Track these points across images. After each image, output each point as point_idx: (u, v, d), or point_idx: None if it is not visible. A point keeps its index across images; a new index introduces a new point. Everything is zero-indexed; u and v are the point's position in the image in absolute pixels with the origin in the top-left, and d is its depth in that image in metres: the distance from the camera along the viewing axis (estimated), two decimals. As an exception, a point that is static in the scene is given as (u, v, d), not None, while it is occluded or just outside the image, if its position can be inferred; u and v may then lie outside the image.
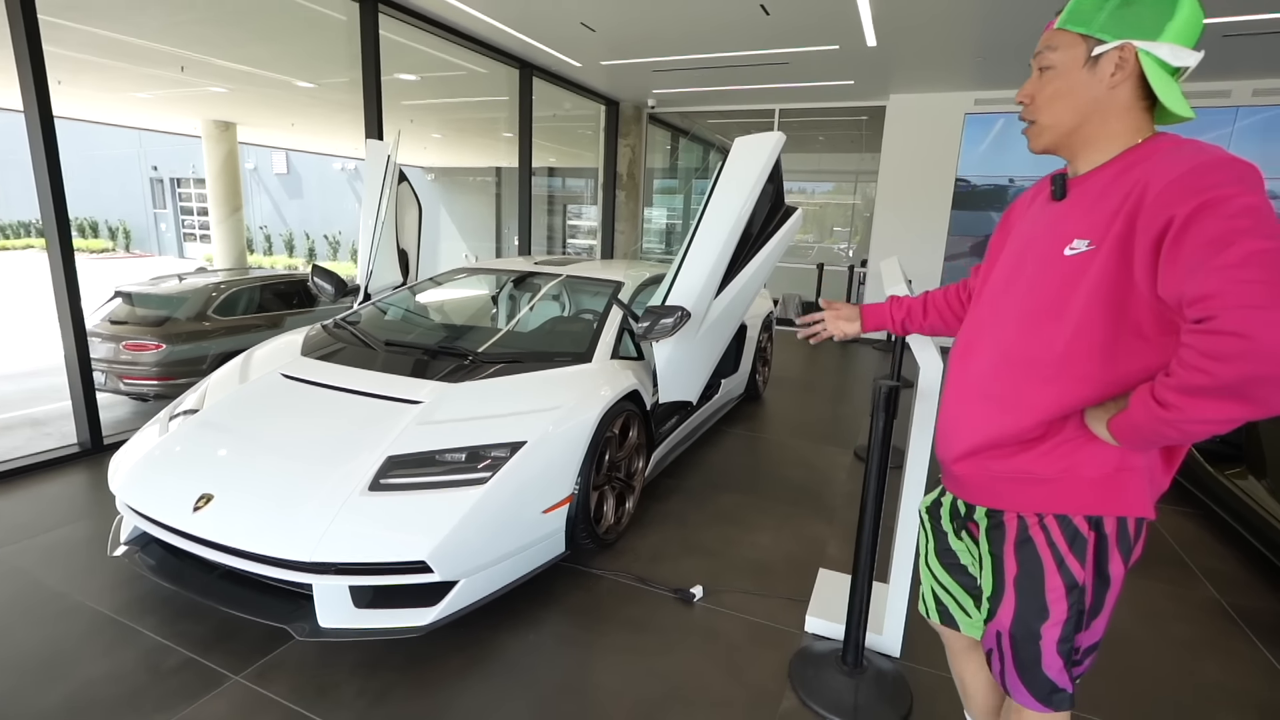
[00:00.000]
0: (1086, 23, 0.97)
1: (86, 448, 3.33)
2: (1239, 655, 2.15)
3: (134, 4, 4.87)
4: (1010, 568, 1.11)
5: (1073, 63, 0.99)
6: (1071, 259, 0.99)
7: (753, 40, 5.29)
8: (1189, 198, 0.83)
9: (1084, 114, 1.00)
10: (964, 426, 1.13)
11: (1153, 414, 0.88)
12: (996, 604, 1.13)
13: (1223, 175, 0.83)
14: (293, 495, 1.95)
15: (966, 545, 1.25)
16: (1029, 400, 1.04)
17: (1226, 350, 0.77)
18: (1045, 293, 1.03)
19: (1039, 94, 1.04)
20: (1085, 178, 1.03)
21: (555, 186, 13.91)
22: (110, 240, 20.84)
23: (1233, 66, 5.32)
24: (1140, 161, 0.95)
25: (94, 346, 4.71)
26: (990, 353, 1.11)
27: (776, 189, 2.89)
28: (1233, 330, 0.76)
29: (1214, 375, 0.79)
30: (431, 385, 2.42)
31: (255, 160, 18.52)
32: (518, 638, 2.08)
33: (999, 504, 1.12)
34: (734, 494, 3.23)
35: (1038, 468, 1.05)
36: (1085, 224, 0.98)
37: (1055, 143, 1.05)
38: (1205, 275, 0.79)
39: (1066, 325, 0.99)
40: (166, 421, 2.41)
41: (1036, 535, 1.08)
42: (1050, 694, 1.12)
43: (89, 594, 2.20)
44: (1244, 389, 0.78)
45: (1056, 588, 1.07)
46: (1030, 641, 1.10)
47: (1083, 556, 1.05)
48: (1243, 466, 2.97)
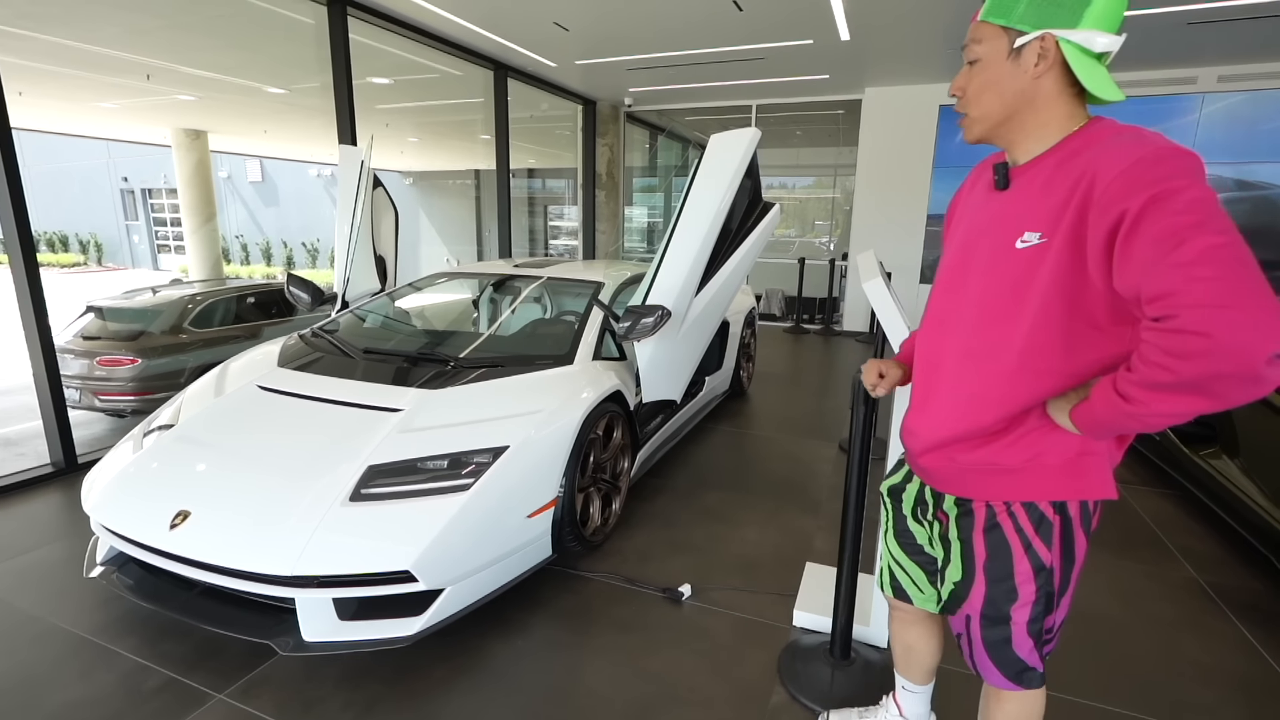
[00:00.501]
0: (1006, 14, 0.98)
1: (60, 467, 3.26)
2: (1217, 633, 2.19)
3: (93, 11, 4.76)
4: (980, 553, 1.14)
5: (997, 55, 1.00)
6: (1024, 252, 0.99)
7: (727, 37, 5.30)
8: (1139, 190, 0.83)
9: (1012, 105, 1.01)
10: (930, 420, 1.15)
11: (1115, 407, 0.89)
12: (967, 589, 1.16)
13: (1170, 167, 0.84)
14: (272, 509, 1.92)
15: (925, 528, 1.30)
16: (993, 395, 1.05)
17: (1189, 349, 0.78)
18: (1001, 287, 1.03)
19: (969, 86, 1.05)
20: (1027, 167, 1.03)
21: (535, 188, 13.85)
22: (81, 254, 20.41)
23: (1198, 53, 5.43)
24: (1082, 149, 0.96)
25: (67, 363, 4.62)
26: (951, 348, 1.12)
27: (754, 185, 2.90)
28: (1194, 330, 0.77)
29: (1176, 373, 0.80)
30: (412, 392, 2.40)
31: (229, 168, 18.23)
32: (506, 644, 2.06)
33: (967, 493, 1.14)
34: (720, 491, 3.24)
35: (1003, 459, 1.07)
36: (1034, 216, 0.98)
37: (988, 133, 1.07)
38: (1162, 273, 0.80)
39: (1024, 319, 1.00)
40: (141, 438, 2.36)
41: (1004, 521, 1.11)
42: (1021, 673, 1.15)
43: (65, 617, 2.15)
44: (1204, 385, 0.80)
45: (1025, 571, 1.10)
46: (1000, 624, 1.14)
47: (1049, 540, 1.09)
48: (1216, 446, 3.03)
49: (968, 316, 1.09)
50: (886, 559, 1.39)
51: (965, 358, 1.09)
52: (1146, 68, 5.90)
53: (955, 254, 1.14)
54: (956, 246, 1.14)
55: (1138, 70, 5.97)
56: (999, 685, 1.18)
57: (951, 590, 1.19)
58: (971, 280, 1.09)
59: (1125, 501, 3.23)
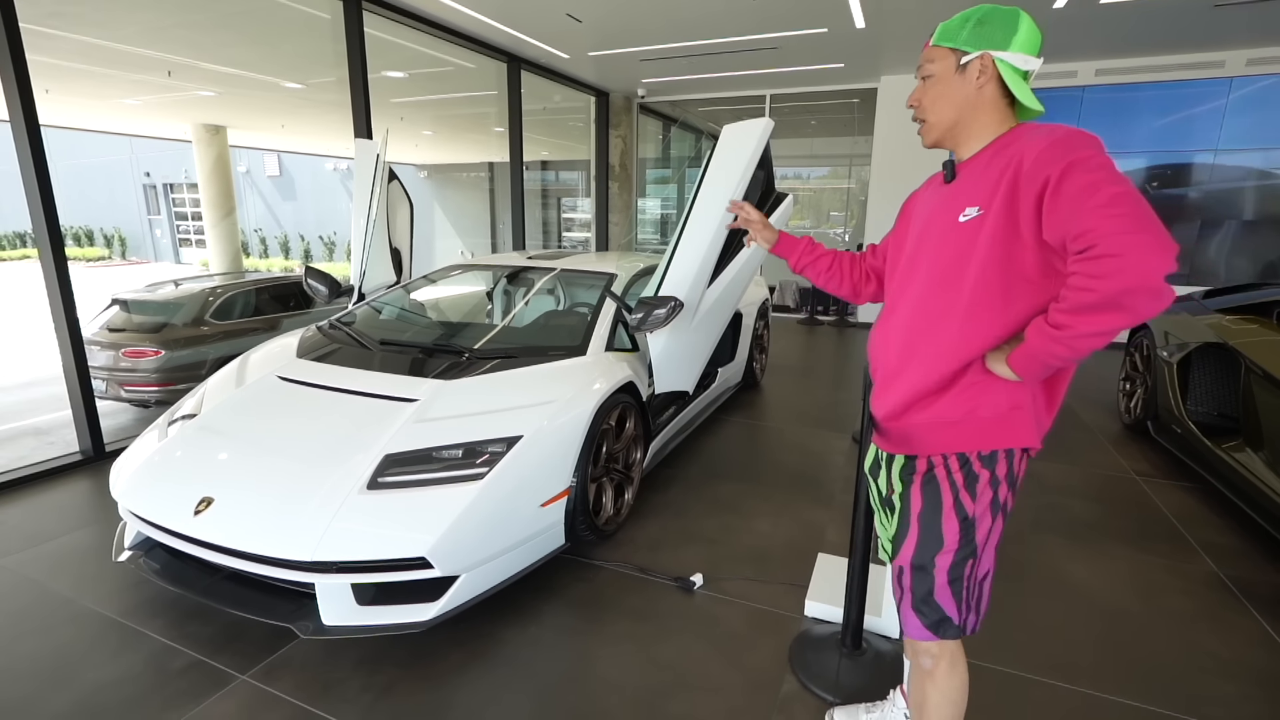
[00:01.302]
0: (953, 39, 1.20)
1: (89, 455, 3.35)
2: (1237, 627, 2.16)
3: (118, 10, 4.84)
4: (916, 504, 1.27)
5: (947, 71, 1.21)
6: (965, 225, 1.17)
7: (740, 26, 5.25)
8: (1058, 159, 1.03)
9: (960, 110, 1.22)
10: (894, 386, 1.28)
11: (1048, 336, 1.04)
12: (901, 540, 1.28)
13: (1079, 142, 1.04)
14: (292, 496, 1.96)
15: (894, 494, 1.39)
16: (944, 354, 1.20)
17: (1106, 269, 0.95)
18: (946, 257, 1.20)
19: (924, 98, 1.25)
20: (969, 161, 1.23)
21: (549, 180, 13.85)
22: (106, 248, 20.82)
23: (1226, 37, 5.29)
24: (1011, 143, 1.15)
25: (93, 355, 4.73)
26: (906, 320, 1.28)
27: (767, 175, 2.88)
28: (1110, 252, 0.95)
29: (1097, 291, 0.97)
30: (427, 383, 2.43)
31: (247, 163, 18.46)
32: (519, 630, 2.10)
33: (914, 449, 1.28)
34: (733, 482, 3.25)
35: (948, 411, 1.21)
36: (972, 195, 1.17)
37: (941, 136, 1.26)
38: (1083, 215, 0.98)
39: (968, 280, 1.16)
40: (165, 427, 2.42)
41: (939, 473, 1.25)
42: (939, 623, 1.25)
43: (96, 599, 2.22)
44: (1121, 299, 0.96)
45: (951, 519, 1.23)
46: (926, 572, 1.24)
47: (974, 492, 1.22)
48: (1239, 439, 2.97)
49: (919, 289, 1.25)
50: (884, 531, 1.46)
51: (917, 324, 1.25)
52: (1172, 51, 5.76)
53: (911, 243, 1.31)
54: (912, 237, 1.32)
55: (1163, 54, 5.83)
56: (918, 636, 1.27)
57: (891, 551, 1.33)
58: (922, 259, 1.26)
59: (1144, 495, 3.19)
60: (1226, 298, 3.63)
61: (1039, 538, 2.73)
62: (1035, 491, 3.18)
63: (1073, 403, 4.63)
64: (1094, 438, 3.96)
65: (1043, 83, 6.32)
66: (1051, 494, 3.17)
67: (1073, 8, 4.57)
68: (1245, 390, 2.97)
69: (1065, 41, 5.48)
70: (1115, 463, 3.57)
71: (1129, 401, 4.14)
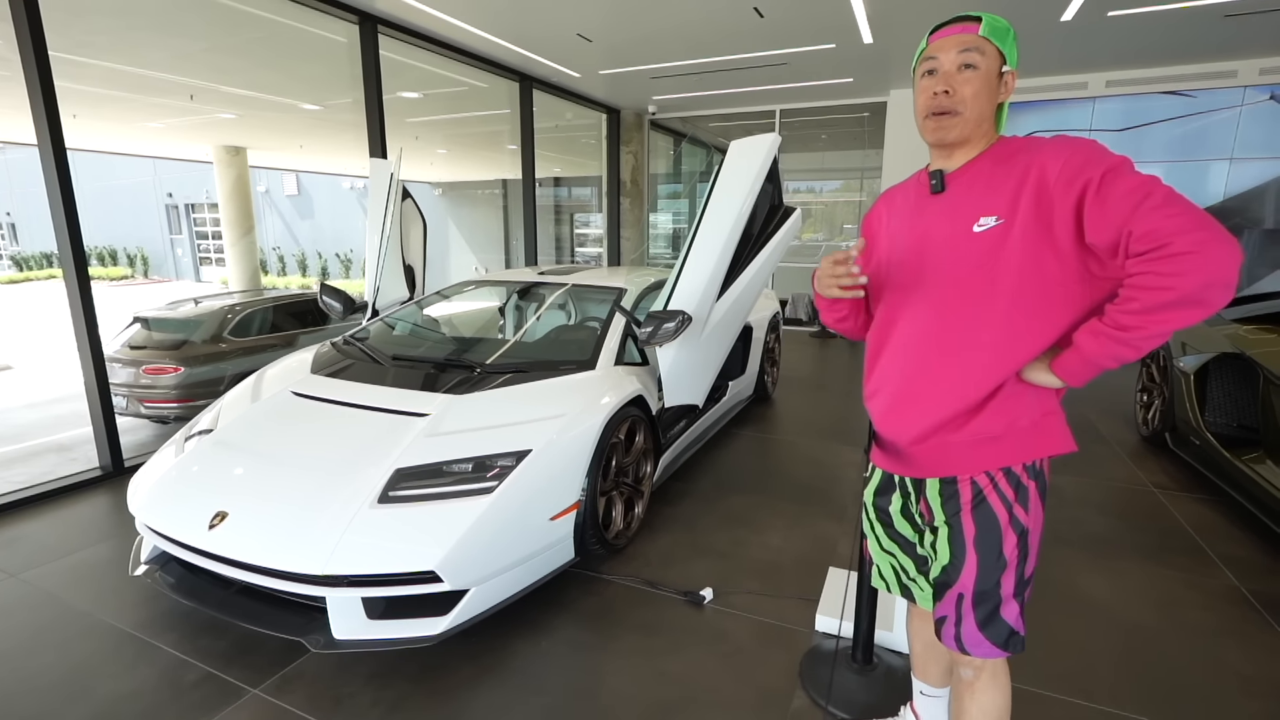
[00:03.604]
0: (1002, 40, 1.16)
1: (108, 471, 3.41)
2: (1260, 642, 2.11)
3: (144, 38, 5.00)
4: (969, 530, 1.21)
5: (992, 72, 1.16)
6: (982, 234, 1.13)
7: (749, 43, 5.31)
8: (1094, 165, 1.04)
9: (988, 116, 1.18)
10: (914, 408, 1.23)
11: (1111, 339, 1.03)
12: (957, 570, 1.22)
13: (1103, 150, 1.07)
14: (304, 510, 1.99)
15: (911, 523, 1.35)
16: (978, 367, 1.15)
17: (1184, 266, 0.95)
18: (965, 269, 1.16)
19: (964, 88, 1.15)
20: (963, 171, 1.19)
21: (562, 196, 13.99)
22: (129, 267, 21.29)
23: (1238, 47, 5.25)
24: (1015, 153, 1.14)
25: (115, 372, 4.83)
26: (915, 337, 1.22)
27: (775, 189, 2.91)
28: (1186, 250, 0.95)
29: (1176, 289, 0.96)
30: (438, 398, 2.46)
31: (266, 183, 18.84)
32: (529, 644, 2.10)
33: (952, 471, 1.22)
34: (744, 495, 3.24)
35: (987, 427, 1.18)
36: (986, 204, 1.14)
37: (966, 135, 1.18)
38: (1144, 215, 0.98)
39: (1001, 295, 1.13)
40: (182, 442, 2.47)
41: (990, 495, 1.20)
42: (1009, 638, 1.22)
43: (112, 613, 2.26)
44: (1199, 294, 0.96)
45: (1010, 538, 1.19)
46: (993, 595, 1.20)
47: (1026, 503, 1.20)
48: (1260, 451, 2.92)
49: (931, 306, 1.20)
50: (885, 560, 1.43)
51: (934, 343, 1.20)
52: (1183, 62, 5.73)
53: (905, 261, 1.25)
54: (904, 254, 1.25)
55: (1175, 65, 5.81)
56: (987, 655, 1.23)
57: (939, 576, 1.25)
58: (928, 275, 1.21)
59: (1163, 507, 3.13)
60: (1243, 307, 3.58)
61: (1057, 552, 2.69)
62: (1053, 505, 3.11)
63: (1090, 415, 4.57)
64: (1112, 450, 3.90)
65: (1053, 94, 6.31)
66: (1069, 507, 3.12)
67: (1080, 20, 4.57)
68: (1265, 401, 2.92)
69: (1074, 54, 5.48)
70: (1133, 475, 3.51)
71: (1146, 413, 4.08)
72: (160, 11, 4.51)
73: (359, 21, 4.54)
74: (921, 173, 1.27)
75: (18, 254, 21.85)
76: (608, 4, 4.44)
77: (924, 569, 1.35)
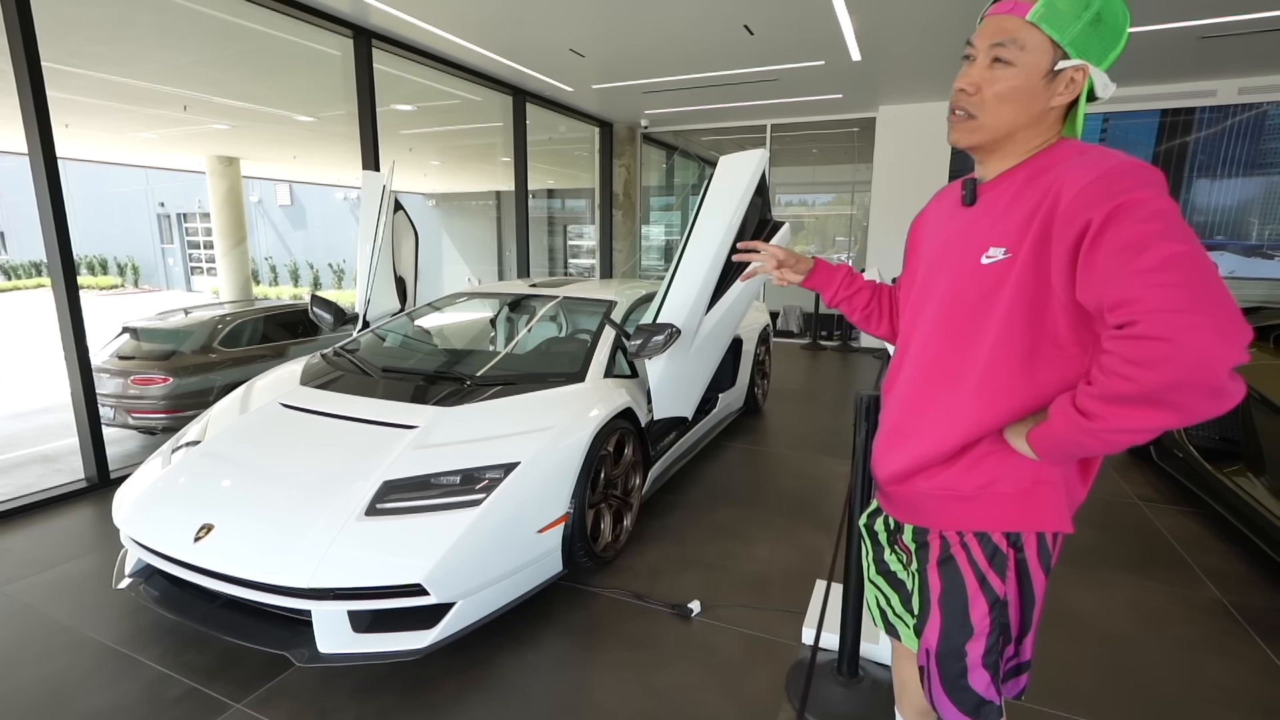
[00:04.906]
0: (1062, 30, 0.92)
1: (94, 482, 3.38)
2: (1241, 655, 2.13)
3: (137, 49, 5.02)
4: (935, 586, 1.09)
5: (1036, 70, 0.94)
6: (989, 268, 0.97)
7: (739, 59, 5.39)
8: (1104, 201, 0.83)
9: (1025, 122, 0.97)
10: (899, 446, 1.11)
11: (1074, 423, 0.86)
12: (924, 623, 1.11)
13: (1135, 179, 0.83)
14: (291, 523, 1.98)
15: (899, 558, 1.25)
16: (958, 418, 1.02)
17: (1150, 355, 0.75)
18: (966, 303, 1.01)
19: (988, 88, 0.97)
20: (995, 183, 1.02)
21: (555, 208, 14.06)
22: (119, 277, 21.16)
23: (1218, 66, 5.37)
24: (1049, 167, 0.95)
25: (103, 382, 4.80)
26: (916, 369, 1.10)
27: (764, 204, 2.95)
28: (1155, 335, 0.75)
29: (1138, 382, 0.77)
30: (427, 410, 2.46)
31: (260, 193, 18.82)
32: (516, 658, 2.09)
33: (924, 522, 1.11)
34: (734, 507, 3.24)
35: (959, 484, 1.04)
36: (999, 231, 0.97)
37: (985, 142, 1.01)
38: (1124, 280, 0.78)
39: (988, 336, 0.98)
40: (169, 454, 2.46)
41: (958, 554, 1.06)
42: (978, 708, 1.08)
43: (95, 627, 2.23)
44: (1167, 395, 0.76)
45: (980, 605, 1.05)
46: (956, 659, 1.08)
47: (1003, 573, 1.05)
48: (1241, 464, 2.96)
49: (931, 335, 1.07)
50: (872, 592, 1.32)
51: (926, 379, 1.07)
52: (1163, 81, 5.85)
53: (924, 273, 1.12)
54: (925, 265, 1.12)
55: (1155, 84, 5.93)
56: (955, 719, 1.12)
57: (916, 623, 1.15)
58: (934, 301, 1.07)
59: (1147, 520, 3.16)
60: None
61: (1041, 564, 2.70)
62: (1037, 517, 3.15)
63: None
64: (1097, 463, 3.93)
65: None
66: (1054, 520, 3.14)
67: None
68: (1244, 414, 2.96)
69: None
70: (1119, 488, 3.55)
71: (1132, 426, 4.12)
72: (155, 24, 4.53)
73: (353, 35, 4.57)
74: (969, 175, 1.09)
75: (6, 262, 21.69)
76: (600, 20, 4.50)
77: (908, 605, 1.24)
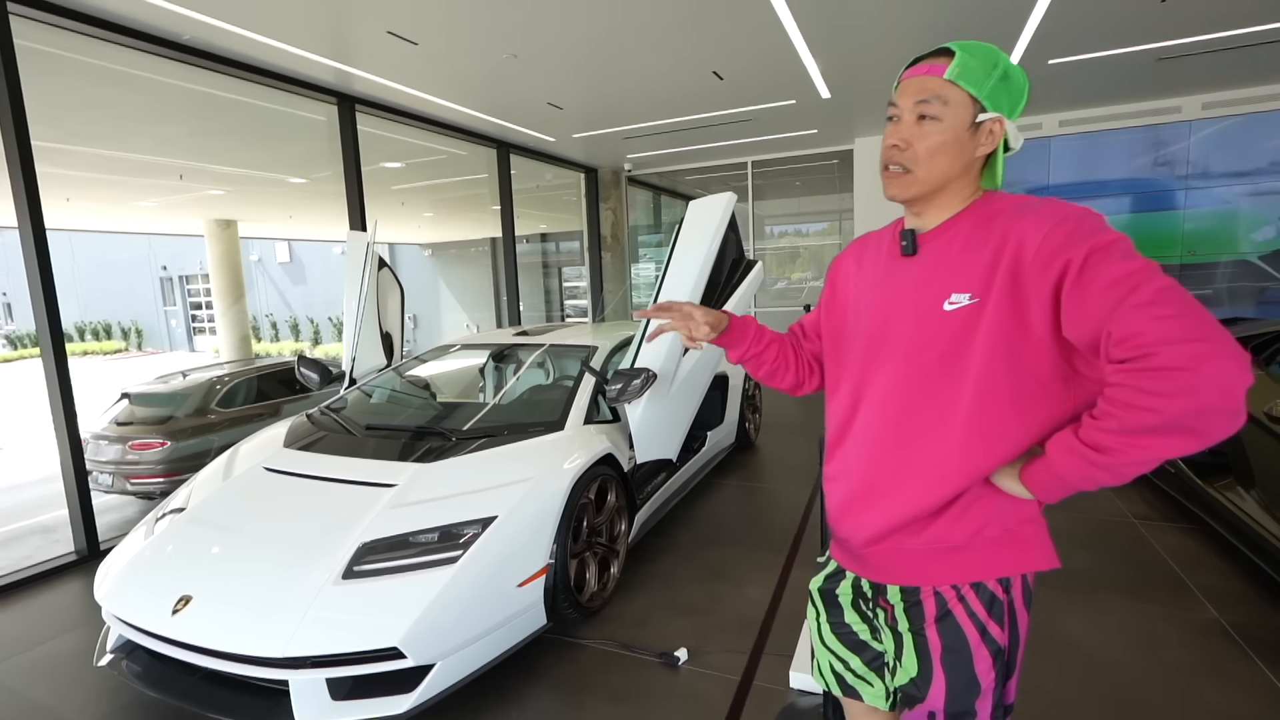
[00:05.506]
0: (978, 86, 0.98)
1: (83, 555, 3.38)
2: (1239, 678, 2.08)
3: (131, 126, 5.21)
4: (935, 645, 1.05)
5: (961, 123, 0.99)
6: (954, 314, 0.98)
7: (713, 103, 5.55)
8: (1078, 243, 0.87)
9: (956, 173, 1.01)
10: (874, 506, 1.07)
11: (1084, 459, 0.86)
12: (926, 686, 1.06)
13: (1096, 222, 0.90)
14: (268, 591, 1.98)
15: (866, 622, 1.18)
16: (942, 466, 1.00)
17: (1172, 386, 0.77)
18: (934, 350, 1.00)
19: (919, 143, 1.00)
20: (937, 232, 1.04)
21: (550, 251, 14.29)
22: (123, 340, 21.42)
23: (1177, 84, 5.51)
24: (994, 215, 0.99)
25: (101, 449, 4.83)
26: (882, 422, 1.06)
27: (736, 243, 3.01)
28: (1176, 365, 0.77)
29: (1162, 412, 0.78)
30: (408, 467, 2.48)
31: (259, 252, 19.17)
32: (500, 717, 2.06)
33: (914, 580, 1.06)
34: (724, 548, 3.21)
35: (949, 535, 1.02)
36: (960, 278, 0.99)
37: (922, 194, 1.03)
38: (1125, 314, 0.81)
39: (967, 381, 0.97)
40: (153, 523, 2.46)
41: (956, 608, 1.04)
42: None
43: (75, 708, 2.21)
44: (1190, 422, 0.78)
45: (984, 658, 1.03)
46: (968, 716, 1.05)
47: (1002, 620, 1.04)
48: (1231, 478, 2.93)
49: (888, 386, 1.05)
50: (825, 657, 1.25)
51: (899, 431, 1.04)
52: (1128, 100, 6.00)
53: (867, 327, 1.10)
54: (868, 320, 1.10)
55: (1120, 103, 6.07)
56: None
57: (906, 686, 1.09)
58: (892, 351, 1.06)
59: (1143, 539, 3.12)
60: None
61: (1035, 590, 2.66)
62: (1032, 542, 3.12)
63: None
64: (1093, 482, 3.90)
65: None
66: (1048, 544, 3.10)
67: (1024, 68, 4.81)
68: (1230, 428, 2.95)
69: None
70: (1114, 507, 3.51)
71: (1125, 442, 4.10)
72: (146, 102, 4.71)
73: (337, 102, 4.74)
74: (898, 223, 1.11)
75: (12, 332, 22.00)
76: (574, 75, 4.66)
77: (875, 666, 1.18)
